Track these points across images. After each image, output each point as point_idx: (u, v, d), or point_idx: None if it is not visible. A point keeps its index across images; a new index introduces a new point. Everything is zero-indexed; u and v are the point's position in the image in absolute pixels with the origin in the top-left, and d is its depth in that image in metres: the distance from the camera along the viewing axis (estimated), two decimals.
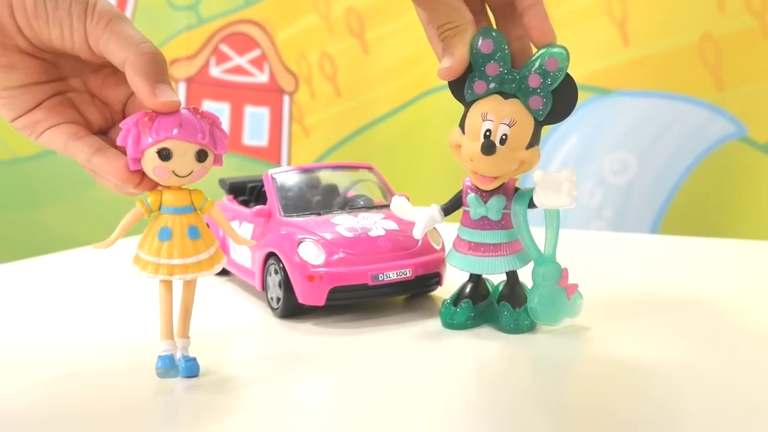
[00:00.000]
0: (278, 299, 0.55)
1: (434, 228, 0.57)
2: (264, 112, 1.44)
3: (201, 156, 0.40)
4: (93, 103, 0.45)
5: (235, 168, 1.38)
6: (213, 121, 0.41)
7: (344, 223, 0.55)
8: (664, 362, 0.44)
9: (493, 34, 0.47)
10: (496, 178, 0.48)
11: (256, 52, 1.44)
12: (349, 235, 0.54)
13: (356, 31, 1.35)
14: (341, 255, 0.53)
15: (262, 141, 1.44)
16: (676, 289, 0.62)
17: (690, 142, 1.15)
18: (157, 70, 0.41)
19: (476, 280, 0.53)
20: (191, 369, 0.43)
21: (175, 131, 0.39)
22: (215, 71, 1.46)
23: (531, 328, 0.50)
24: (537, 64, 0.46)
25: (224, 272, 0.68)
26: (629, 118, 1.18)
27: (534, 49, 0.48)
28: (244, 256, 0.60)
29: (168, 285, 0.42)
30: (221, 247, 0.44)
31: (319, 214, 0.58)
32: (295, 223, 0.56)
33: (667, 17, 1.14)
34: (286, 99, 1.42)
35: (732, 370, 0.43)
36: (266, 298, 0.57)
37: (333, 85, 1.38)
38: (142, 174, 0.41)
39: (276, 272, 0.55)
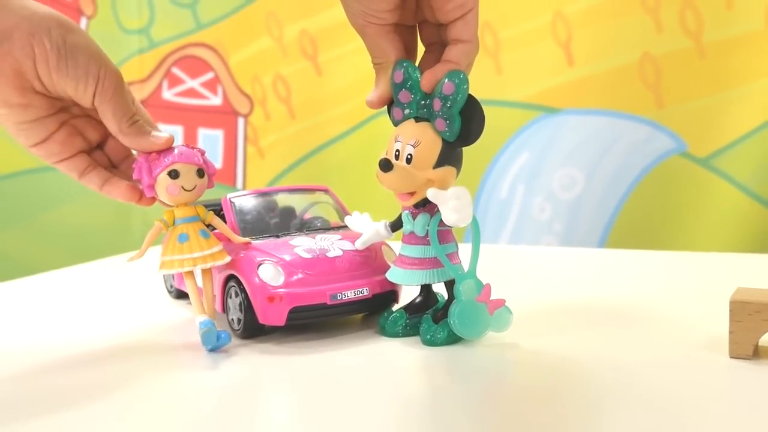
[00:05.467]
0: (239, 320, 0.55)
1: (390, 248, 0.59)
2: (218, 135, 1.45)
3: (200, 173, 0.53)
4: (90, 123, 0.53)
5: None
6: (202, 151, 0.54)
7: (302, 245, 0.56)
8: (586, 368, 0.47)
9: (404, 65, 0.51)
10: (411, 195, 0.51)
11: (208, 75, 1.44)
12: (308, 256, 0.55)
13: (309, 53, 1.37)
14: (300, 276, 0.54)
15: (217, 163, 1.44)
16: (614, 300, 0.65)
17: (633, 157, 1.20)
18: (145, 128, 0.51)
19: (426, 293, 0.55)
20: (226, 338, 0.53)
21: (178, 157, 0.52)
22: (168, 94, 1.46)
23: (447, 341, 0.52)
24: (438, 89, 0.49)
25: (185, 296, 0.68)
26: (576, 136, 1.23)
27: None
28: (196, 275, 0.61)
29: (191, 275, 0.54)
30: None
31: (277, 236, 0.59)
32: (254, 245, 0.57)
33: (608, 38, 1.19)
34: (240, 121, 1.43)
35: (650, 369, 0.45)
36: (227, 320, 0.57)
37: (287, 106, 1.40)
38: (141, 193, 0.53)
39: (236, 294, 0.56)
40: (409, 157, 0.50)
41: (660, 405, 0.41)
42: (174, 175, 0.52)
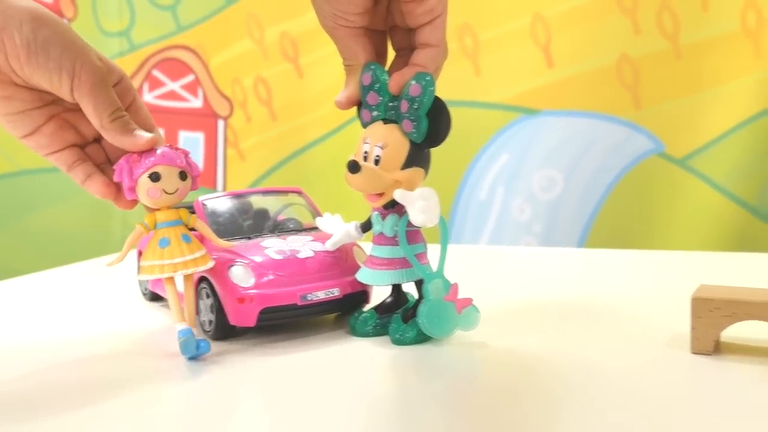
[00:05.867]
0: (210, 322, 0.56)
1: (361, 248, 0.59)
2: (198, 137, 1.45)
3: (182, 175, 0.51)
4: (83, 117, 0.51)
5: None
6: (185, 153, 0.52)
7: (273, 246, 0.56)
8: (552, 366, 0.47)
9: (372, 67, 0.52)
10: (380, 196, 0.51)
11: (189, 78, 1.44)
12: (279, 257, 0.55)
13: (290, 55, 1.37)
14: (271, 277, 0.54)
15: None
16: (586, 299, 0.65)
17: (612, 158, 1.21)
18: (129, 126, 0.50)
19: (396, 293, 0.55)
20: (206, 347, 0.51)
21: (160, 159, 0.50)
22: (148, 97, 1.46)
23: (416, 340, 0.52)
24: (405, 91, 0.50)
25: (159, 298, 0.68)
26: (555, 137, 1.24)
27: None
28: (177, 281, 0.60)
29: (172, 281, 0.52)
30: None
31: (249, 238, 0.59)
32: (228, 248, 0.57)
33: (587, 40, 1.20)
34: (220, 123, 1.43)
35: (619, 369, 0.46)
36: (199, 322, 0.57)
37: (268, 109, 1.40)
38: (117, 191, 0.52)
39: (208, 296, 0.56)
40: (377, 158, 0.51)
41: (623, 401, 0.41)
42: (155, 177, 0.50)
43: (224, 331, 0.55)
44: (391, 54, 0.55)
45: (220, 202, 0.62)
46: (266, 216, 0.63)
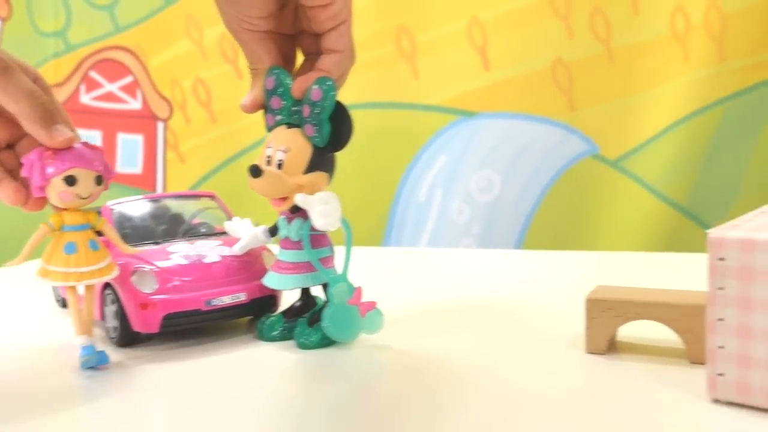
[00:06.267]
0: (115, 329, 0.55)
1: (271, 252, 0.59)
2: (138, 139, 1.43)
3: (99, 180, 0.49)
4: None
5: (108, 197, 1.35)
6: (101, 152, 0.49)
7: (180, 251, 0.56)
8: (452, 368, 0.48)
9: (275, 71, 0.51)
10: (284, 200, 0.51)
11: (127, 79, 1.42)
12: (184, 262, 0.55)
13: (230, 57, 1.36)
14: (175, 282, 0.54)
15: (137, 168, 1.42)
16: (503, 300, 0.66)
17: (548, 160, 1.23)
18: (49, 115, 0.47)
19: (305, 297, 0.55)
20: (104, 359, 0.50)
21: (77, 161, 0.47)
22: (85, 98, 1.43)
23: (320, 344, 0.52)
24: (307, 95, 0.50)
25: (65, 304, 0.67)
26: (493, 139, 1.25)
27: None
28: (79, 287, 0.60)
29: (75, 290, 0.50)
30: None
31: (156, 243, 0.58)
32: (133, 254, 0.56)
33: (522, 43, 1.22)
34: (160, 126, 1.41)
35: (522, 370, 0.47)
36: (104, 328, 0.57)
37: (208, 111, 1.38)
38: (28, 197, 0.49)
39: (113, 302, 0.55)
40: (279, 162, 0.51)
41: (513, 402, 0.42)
42: (70, 181, 0.47)
43: (129, 337, 0.54)
44: (300, 59, 0.55)
45: (129, 207, 0.61)
46: (178, 220, 0.63)
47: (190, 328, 0.56)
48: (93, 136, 1.43)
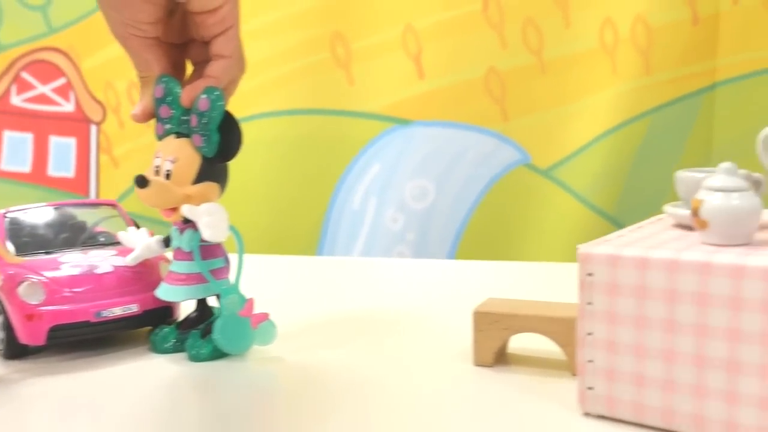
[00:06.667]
0: (2, 340, 0.53)
1: (169, 263, 0.58)
2: (70, 143, 1.40)
3: None
4: None
5: (40, 201, 1.32)
6: None
7: (71, 262, 0.55)
8: (341, 380, 0.48)
9: (164, 80, 0.51)
10: (173, 211, 0.50)
11: (60, 81, 1.39)
12: (75, 272, 0.54)
13: None
14: (65, 293, 0.52)
15: (69, 172, 1.39)
16: (408, 311, 0.66)
17: (481, 168, 1.23)
18: None
19: (201, 308, 0.54)
20: None
21: None
22: (16, 100, 1.40)
23: (212, 356, 0.52)
24: (195, 105, 0.50)
25: None
26: (427, 147, 1.25)
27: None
28: None
29: None
30: None
31: (48, 253, 0.57)
32: (21, 263, 0.55)
33: (456, 52, 1.22)
34: (93, 129, 1.38)
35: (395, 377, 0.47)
36: None
37: None
38: None
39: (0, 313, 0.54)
40: (168, 172, 0.50)
41: (394, 413, 0.42)
42: None
43: (16, 349, 0.53)
44: (190, 68, 0.54)
45: (27, 215, 0.60)
46: (79, 229, 0.61)
47: (83, 339, 0.54)
48: (24, 139, 1.39)
